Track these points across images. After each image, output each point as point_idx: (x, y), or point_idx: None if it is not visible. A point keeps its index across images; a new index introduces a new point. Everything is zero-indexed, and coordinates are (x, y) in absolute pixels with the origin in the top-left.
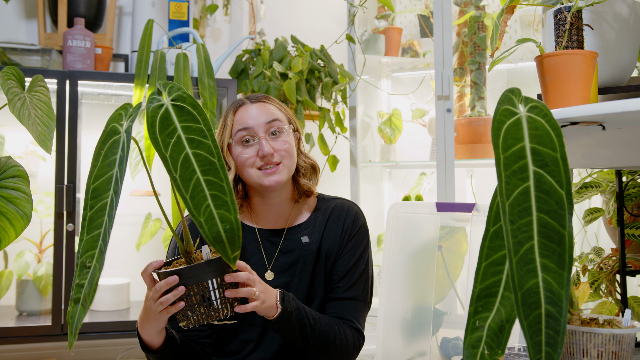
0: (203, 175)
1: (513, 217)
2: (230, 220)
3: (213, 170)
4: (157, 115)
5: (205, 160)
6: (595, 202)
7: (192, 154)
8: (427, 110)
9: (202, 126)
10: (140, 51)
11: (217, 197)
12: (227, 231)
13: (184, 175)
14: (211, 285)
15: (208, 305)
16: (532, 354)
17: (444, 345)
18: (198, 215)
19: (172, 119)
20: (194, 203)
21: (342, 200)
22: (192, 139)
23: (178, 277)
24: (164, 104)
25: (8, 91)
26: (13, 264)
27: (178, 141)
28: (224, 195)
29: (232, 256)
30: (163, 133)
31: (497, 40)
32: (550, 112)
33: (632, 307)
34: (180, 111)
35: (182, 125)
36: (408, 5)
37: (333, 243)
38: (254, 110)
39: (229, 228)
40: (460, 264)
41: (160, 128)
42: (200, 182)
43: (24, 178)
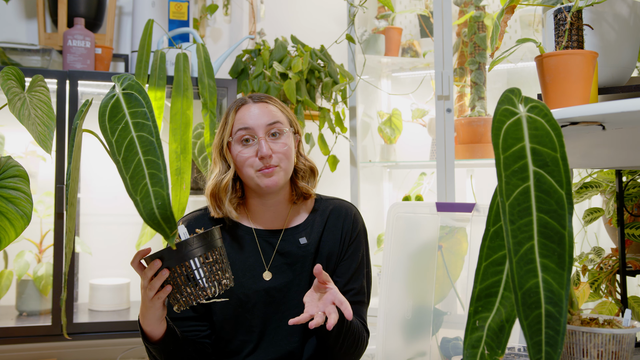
0: (144, 155)
1: (513, 217)
2: (162, 196)
3: (152, 150)
4: (108, 105)
5: (146, 140)
6: (595, 202)
7: (136, 137)
8: (427, 110)
9: (146, 109)
10: (140, 51)
11: (154, 175)
12: (160, 207)
13: (127, 157)
14: (194, 265)
15: (194, 285)
16: (532, 354)
17: (444, 345)
18: (135, 193)
19: (122, 106)
20: (132, 182)
21: (340, 201)
22: (137, 123)
23: (161, 261)
24: (116, 94)
25: (8, 91)
26: (13, 264)
27: (125, 126)
28: (159, 172)
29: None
30: (112, 120)
31: (497, 40)
32: (550, 112)
33: (632, 307)
34: (129, 98)
35: (130, 112)
36: (408, 5)
37: (333, 245)
38: (255, 110)
39: (161, 204)
40: (460, 264)
41: (110, 116)
42: (141, 162)
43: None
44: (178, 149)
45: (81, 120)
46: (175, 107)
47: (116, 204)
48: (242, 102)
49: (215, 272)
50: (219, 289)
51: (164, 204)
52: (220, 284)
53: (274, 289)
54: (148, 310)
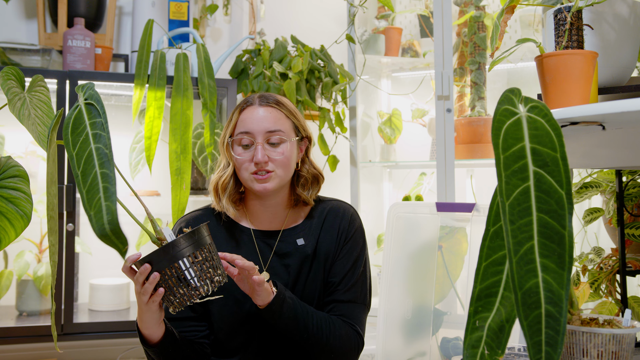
0: (100, 168)
1: (513, 217)
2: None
3: (106, 163)
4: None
5: (102, 153)
6: (595, 202)
7: (94, 149)
8: (427, 110)
9: (102, 119)
10: (140, 51)
11: (107, 189)
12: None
13: (85, 170)
14: (183, 265)
15: (186, 285)
16: (532, 354)
17: (444, 345)
18: (90, 208)
19: (84, 118)
20: (88, 197)
21: (338, 202)
22: (95, 134)
23: (150, 265)
24: (79, 105)
25: (8, 91)
26: (13, 264)
27: (85, 138)
28: (111, 186)
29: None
30: (74, 132)
31: (497, 40)
32: (550, 112)
33: (632, 307)
34: (89, 109)
35: (90, 122)
36: (408, 5)
37: (330, 245)
38: (259, 113)
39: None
40: (460, 264)
41: (72, 128)
42: (97, 176)
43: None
44: (178, 149)
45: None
46: (175, 107)
47: None
48: (248, 102)
49: (206, 270)
50: (211, 287)
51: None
52: (212, 281)
53: None
54: (145, 314)
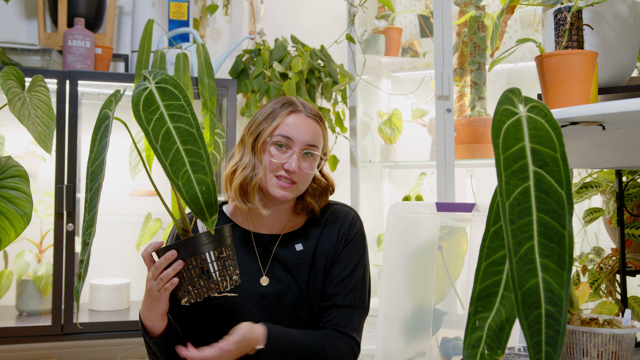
0: (183, 145)
1: (513, 217)
2: (206, 182)
3: (192, 140)
4: (142, 96)
5: (185, 131)
6: (595, 202)
7: (173, 127)
8: (427, 110)
9: (183, 102)
10: (140, 51)
11: (195, 164)
12: (204, 192)
13: (164, 145)
14: (209, 258)
15: (207, 278)
16: (532, 354)
17: (444, 345)
18: (176, 179)
19: (155, 98)
20: (172, 169)
21: (339, 206)
22: (173, 115)
23: (176, 252)
24: (148, 87)
25: (8, 91)
26: (13, 264)
27: (160, 117)
28: (201, 161)
29: (210, 219)
30: (146, 110)
31: (497, 40)
32: (550, 112)
33: (632, 307)
34: (163, 92)
35: (164, 104)
36: (408, 5)
37: (328, 249)
38: (305, 125)
39: (206, 189)
40: (460, 264)
41: (144, 106)
42: (180, 151)
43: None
44: None
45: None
46: None
47: (116, 204)
48: (296, 108)
49: (227, 267)
50: (230, 283)
51: (208, 190)
52: (231, 279)
53: (270, 293)
54: (153, 303)
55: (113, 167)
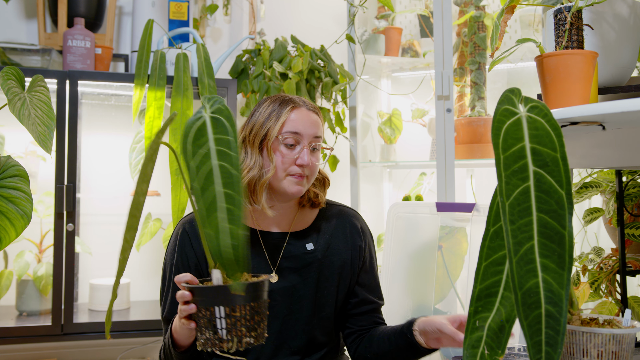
0: (224, 187)
1: (513, 217)
2: (239, 237)
3: (232, 184)
4: (194, 126)
5: (227, 173)
6: (595, 202)
7: (218, 166)
8: (427, 110)
9: (231, 138)
10: (140, 51)
11: (231, 212)
12: (235, 248)
13: (205, 186)
14: (217, 313)
15: (213, 333)
16: (532, 354)
17: None
18: (209, 226)
19: (207, 130)
20: (207, 214)
21: (346, 209)
22: (221, 151)
23: (191, 294)
24: (203, 117)
25: (8, 91)
26: (13, 264)
27: (207, 152)
28: (237, 210)
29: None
30: (195, 143)
31: (497, 40)
32: (550, 112)
33: (632, 307)
34: (216, 123)
35: (215, 138)
36: (408, 5)
37: (344, 255)
38: (309, 118)
39: (237, 245)
40: (460, 264)
41: (194, 138)
42: (220, 194)
43: (24, 178)
44: (178, 149)
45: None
46: (175, 107)
47: (116, 204)
48: (297, 104)
49: (239, 327)
50: (237, 345)
51: (239, 246)
52: (240, 341)
53: (278, 291)
54: (178, 325)
55: (113, 167)
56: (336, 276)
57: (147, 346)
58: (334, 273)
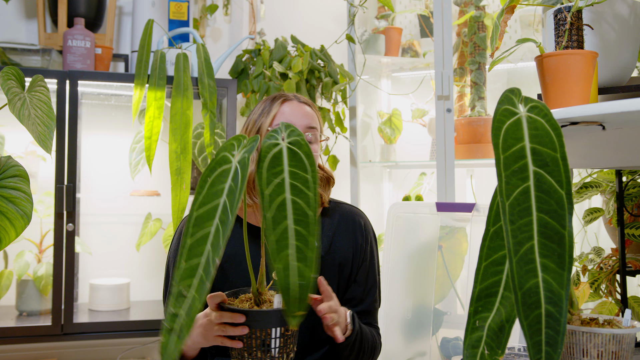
0: (295, 224)
1: (513, 217)
2: (307, 277)
3: (305, 222)
4: (270, 152)
5: (301, 210)
6: (595, 202)
7: (290, 200)
8: (427, 110)
9: (309, 177)
10: (140, 51)
11: (300, 250)
12: (301, 287)
13: (276, 217)
14: (274, 333)
15: (265, 351)
16: (532, 354)
17: (444, 345)
18: (276, 260)
19: (283, 160)
20: (277, 247)
21: (350, 207)
22: (295, 186)
23: (245, 317)
24: (280, 145)
25: (8, 91)
26: (13, 264)
27: (281, 182)
28: (307, 251)
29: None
30: (270, 170)
31: (497, 40)
32: (550, 112)
33: (632, 307)
34: (293, 156)
35: (290, 170)
36: (408, 5)
37: (346, 253)
38: (300, 109)
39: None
40: (460, 264)
41: (269, 165)
42: (290, 230)
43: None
44: (178, 149)
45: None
46: (175, 107)
47: (116, 204)
48: (288, 97)
49: (288, 344)
50: None
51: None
52: (288, 356)
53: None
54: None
55: (113, 167)
56: (336, 274)
57: (147, 346)
58: (334, 271)
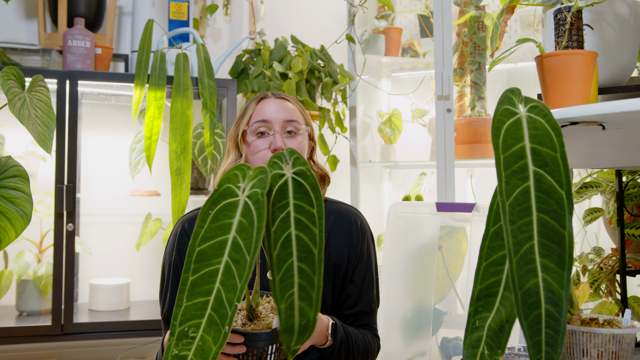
0: (298, 261)
1: (513, 217)
2: (308, 317)
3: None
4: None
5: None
6: (595, 202)
7: (294, 236)
8: (427, 110)
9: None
10: (140, 51)
11: (303, 289)
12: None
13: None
14: (270, 349)
15: None
16: (532, 354)
17: (444, 345)
18: (280, 301)
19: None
20: (281, 287)
21: (346, 206)
22: (299, 221)
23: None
24: (286, 176)
25: (8, 91)
26: (13, 264)
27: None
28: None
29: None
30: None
31: (497, 40)
32: (550, 112)
33: (632, 307)
34: (298, 188)
35: (295, 203)
36: (408, 5)
37: (342, 252)
38: (276, 105)
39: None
40: (460, 264)
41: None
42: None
43: (24, 178)
44: (178, 149)
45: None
46: (175, 107)
47: (116, 204)
48: (263, 96)
49: (281, 356)
50: None
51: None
52: None
53: None
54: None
55: (113, 167)
56: (331, 275)
57: (147, 346)
58: (329, 271)
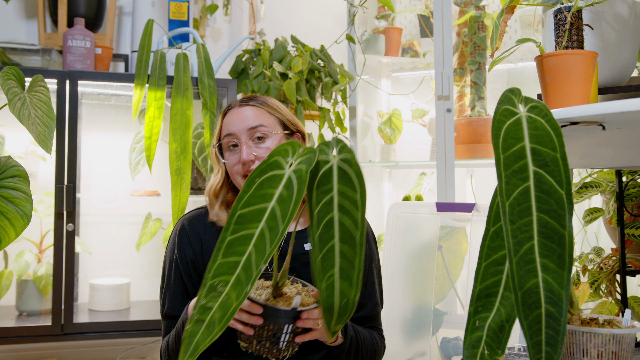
0: (341, 242)
1: (513, 217)
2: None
3: (351, 243)
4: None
5: (346, 231)
6: (595, 202)
7: (337, 219)
8: (427, 110)
9: (357, 197)
10: (140, 51)
11: (344, 270)
12: (342, 307)
13: (322, 236)
14: (286, 329)
15: (274, 342)
16: (532, 354)
17: (444, 345)
18: (321, 279)
19: (333, 179)
20: (322, 266)
21: None
22: (342, 206)
23: (262, 308)
24: (331, 163)
25: (8, 91)
26: (13, 264)
27: (329, 202)
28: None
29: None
30: (320, 188)
31: (497, 40)
32: (550, 112)
33: (632, 307)
34: (342, 175)
35: (339, 189)
36: (408, 5)
37: None
38: (238, 115)
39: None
40: (460, 264)
41: (319, 183)
42: (334, 249)
43: (24, 178)
44: (178, 149)
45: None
46: (175, 107)
47: (116, 204)
48: (229, 107)
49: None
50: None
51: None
52: (292, 350)
53: None
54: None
55: (113, 167)
56: None
57: (147, 346)
58: None
